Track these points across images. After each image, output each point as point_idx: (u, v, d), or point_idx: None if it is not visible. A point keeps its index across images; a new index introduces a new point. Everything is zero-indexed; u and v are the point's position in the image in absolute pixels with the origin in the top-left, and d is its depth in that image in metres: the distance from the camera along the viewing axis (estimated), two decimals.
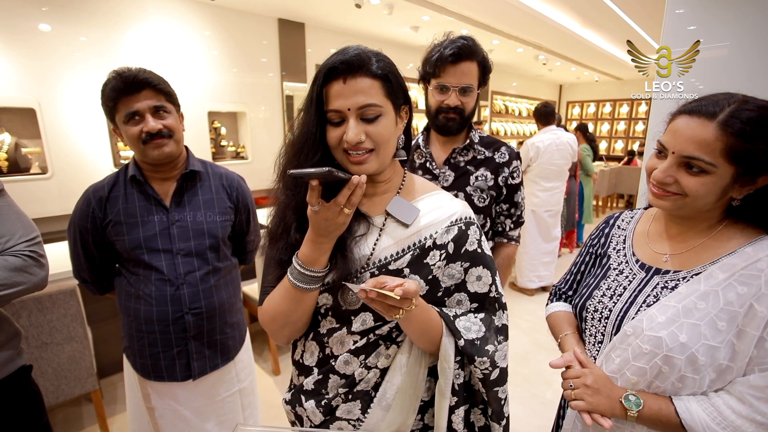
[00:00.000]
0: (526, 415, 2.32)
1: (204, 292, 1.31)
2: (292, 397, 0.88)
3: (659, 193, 0.80)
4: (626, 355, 0.81)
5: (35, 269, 1.09)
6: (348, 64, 0.72)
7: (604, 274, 0.95)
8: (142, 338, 1.30)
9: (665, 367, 0.76)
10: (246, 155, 3.81)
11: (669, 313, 0.77)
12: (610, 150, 9.32)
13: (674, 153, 0.76)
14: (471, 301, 0.85)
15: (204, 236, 1.32)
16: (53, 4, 2.58)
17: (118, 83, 1.17)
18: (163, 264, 1.27)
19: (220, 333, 1.38)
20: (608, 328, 0.88)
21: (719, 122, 0.70)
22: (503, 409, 0.87)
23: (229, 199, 1.40)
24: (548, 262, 3.95)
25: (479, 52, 1.32)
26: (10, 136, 2.55)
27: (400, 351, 0.82)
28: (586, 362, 0.87)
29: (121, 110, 1.19)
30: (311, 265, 0.76)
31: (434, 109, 1.37)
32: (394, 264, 0.79)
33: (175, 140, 1.25)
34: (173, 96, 1.28)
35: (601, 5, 3.91)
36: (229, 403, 1.46)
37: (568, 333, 0.98)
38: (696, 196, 0.75)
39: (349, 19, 4.00)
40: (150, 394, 1.36)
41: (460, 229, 0.83)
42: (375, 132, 0.74)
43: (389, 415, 0.81)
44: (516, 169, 1.43)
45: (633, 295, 0.86)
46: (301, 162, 0.77)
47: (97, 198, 1.26)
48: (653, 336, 0.76)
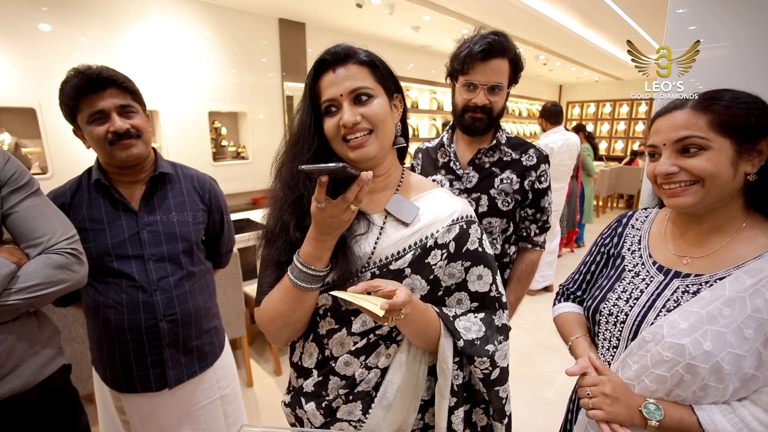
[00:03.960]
0: (528, 415, 2.31)
1: (179, 298, 1.26)
2: (292, 400, 0.87)
3: (674, 189, 0.77)
4: (645, 362, 0.77)
5: (77, 266, 1.08)
6: (335, 55, 0.76)
7: (619, 276, 0.92)
8: (113, 348, 1.23)
9: (687, 375, 0.72)
10: (246, 155, 3.80)
11: (692, 319, 0.73)
12: (610, 150, 9.32)
13: (665, 144, 0.78)
14: (471, 300, 0.84)
15: (177, 240, 1.26)
16: (53, 4, 2.56)
17: (80, 81, 1.10)
18: (134, 270, 1.21)
19: (197, 339, 1.33)
20: (624, 333, 0.84)
21: (690, 107, 0.76)
22: (505, 408, 0.87)
23: (202, 201, 1.35)
24: (551, 261, 3.96)
25: (511, 48, 1.26)
26: (10, 136, 2.53)
27: (400, 349, 0.81)
28: (602, 369, 0.84)
29: (83, 110, 1.12)
30: (313, 263, 0.75)
31: (461, 108, 1.31)
32: (395, 264, 0.78)
33: (143, 141, 1.20)
34: (139, 95, 1.22)
35: (602, 5, 3.90)
36: (209, 411, 1.40)
37: (579, 336, 0.95)
38: (709, 175, 0.73)
39: (349, 19, 3.99)
40: (124, 407, 1.31)
41: (461, 227, 0.82)
42: (370, 112, 0.75)
43: (390, 414, 0.80)
44: (544, 173, 1.36)
45: (651, 299, 0.82)
46: (297, 155, 0.79)
47: (58, 204, 1.17)
48: (675, 343, 0.73)
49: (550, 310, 1.13)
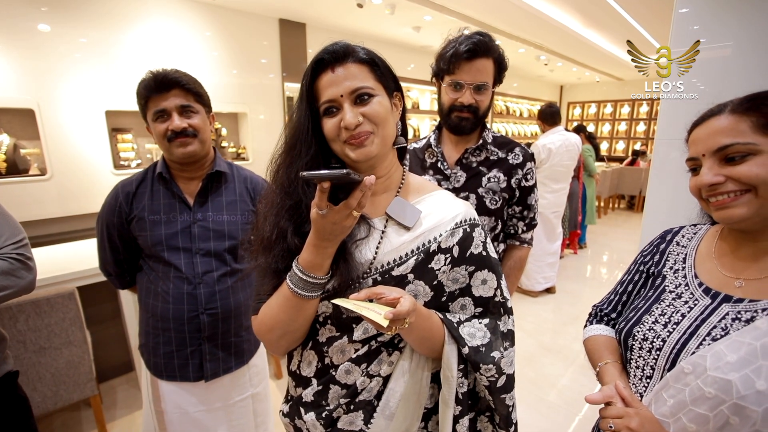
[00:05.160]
0: (530, 418, 2.29)
1: (220, 293, 1.31)
2: (291, 410, 0.84)
3: (723, 201, 0.69)
4: (682, 397, 0.67)
5: (22, 272, 1.08)
6: (334, 54, 0.74)
7: (658, 297, 0.82)
8: (158, 335, 1.30)
9: (734, 417, 0.62)
10: (247, 156, 3.79)
11: (742, 351, 0.63)
12: (612, 151, 9.30)
13: (705, 155, 0.71)
14: (475, 305, 0.82)
15: (224, 237, 1.32)
16: (53, 4, 2.55)
17: (150, 82, 1.20)
18: (182, 262, 1.28)
19: (235, 335, 1.37)
20: (660, 362, 0.74)
21: (730, 111, 0.70)
22: (511, 416, 0.84)
23: (252, 203, 1.40)
24: (552, 263, 3.93)
25: (495, 48, 1.28)
26: (8, 137, 2.52)
27: (402, 357, 0.79)
28: (630, 400, 0.74)
29: (151, 108, 1.22)
30: (313, 270, 0.72)
31: (447, 107, 1.33)
32: (398, 269, 0.76)
33: (200, 140, 1.27)
34: (203, 97, 1.30)
35: (603, 4, 3.89)
36: (241, 408, 1.44)
37: (608, 362, 0.85)
38: (763, 181, 0.65)
39: (350, 20, 3.98)
40: (160, 397, 1.35)
41: (465, 231, 0.80)
42: (371, 112, 0.73)
43: (393, 424, 0.78)
44: (530, 171, 1.39)
45: (694, 325, 0.72)
46: (295, 159, 0.76)
47: (125, 193, 1.29)
48: (720, 378, 0.63)
49: (552, 311, 1.10)
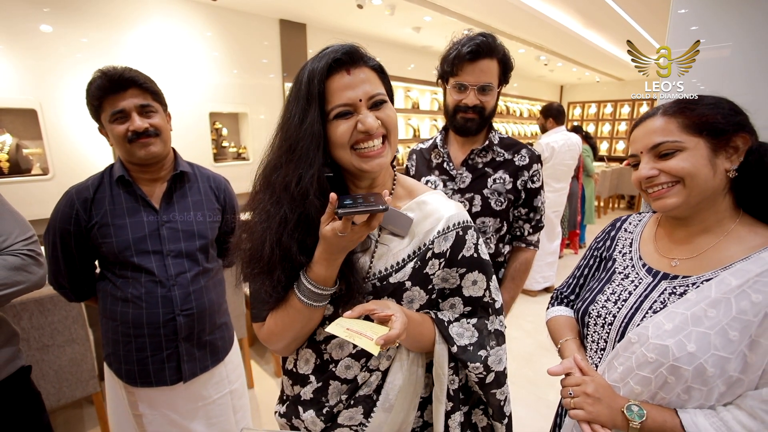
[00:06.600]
0: (529, 417, 2.31)
1: (195, 293, 1.30)
2: (288, 409, 0.85)
3: (658, 192, 0.79)
4: (630, 364, 0.77)
5: (34, 268, 1.09)
6: (350, 55, 0.72)
7: (609, 278, 0.92)
8: (128, 342, 1.26)
9: (671, 377, 0.72)
10: (247, 156, 3.80)
11: (677, 320, 0.73)
12: (612, 151, 9.29)
13: (643, 152, 0.82)
14: (464, 305, 0.84)
15: (194, 237, 1.31)
16: (55, 5, 2.57)
17: (104, 82, 1.15)
18: (153, 265, 1.24)
19: (210, 334, 1.37)
20: (612, 335, 0.84)
21: (662, 113, 0.81)
22: (504, 409, 0.87)
23: (217, 201, 1.41)
24: (552, 262, 3.95)
25: (499, 49, 1.28)
26: (11, 137, 2.54)
27: (400, 350, 0.81)
28: (587, 369, 0.84)
29: (106, 109, 1.18)
30: (325, 284, 0.73)
31: (452, 109, 1.33)
32: (395, 276, 0.78)
33: (162, 140, 1.24)
34: (160, 95, 1.27)
35: (603, 5, 3.89)
36: (220, 405, 1.45)
37: (568, 338, 0.95)
38: (688, 173, 0.75)
39: (350, 20, 3.99)
40: (137, 402, 1.33)
41: (457, 234, 0.81)
42: (386, 117, 0.74)
43: (391, 416, 0.80)
44: (536, 173, 1.38)
45: (639, 301, 0.83)
46: (299, 165, 0.71)
47: (81, 200, 1.21)
48: (659, 344, 0.73)
49: None
